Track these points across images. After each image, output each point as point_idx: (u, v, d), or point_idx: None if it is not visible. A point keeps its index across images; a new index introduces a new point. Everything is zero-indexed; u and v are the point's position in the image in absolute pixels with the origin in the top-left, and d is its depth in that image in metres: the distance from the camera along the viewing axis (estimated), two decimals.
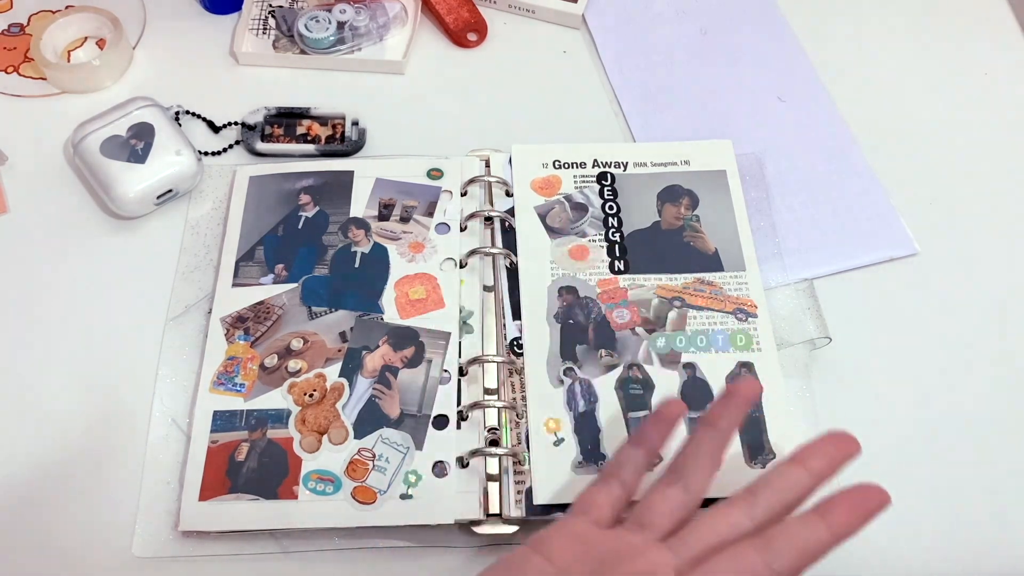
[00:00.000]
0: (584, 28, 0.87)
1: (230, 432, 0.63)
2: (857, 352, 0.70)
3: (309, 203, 0.73)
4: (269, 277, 0.69)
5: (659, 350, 0.67)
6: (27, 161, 0.77)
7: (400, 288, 0.69)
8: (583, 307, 0.68)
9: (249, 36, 0.84)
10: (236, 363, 0.66)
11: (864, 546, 0.63)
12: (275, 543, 0.61)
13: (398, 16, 0.84)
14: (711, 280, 0.70)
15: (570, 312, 0.68)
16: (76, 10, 0.82)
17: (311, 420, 0.63)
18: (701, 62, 0.85)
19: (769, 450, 0.63)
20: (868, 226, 0.75)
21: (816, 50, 0.85)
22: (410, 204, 0.73)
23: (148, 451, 0.64)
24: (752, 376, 0.65)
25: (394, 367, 0.66)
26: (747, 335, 0.67)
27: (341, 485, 0.61)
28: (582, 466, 0.62)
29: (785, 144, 0.79)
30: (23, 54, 0.82)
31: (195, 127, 0.79)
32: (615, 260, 0.71)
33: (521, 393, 0.65)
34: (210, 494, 0.61)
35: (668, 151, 0.76)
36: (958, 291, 0.73)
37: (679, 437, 0.56)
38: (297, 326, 0.67)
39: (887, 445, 0.66)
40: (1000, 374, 0.69)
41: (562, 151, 0.76)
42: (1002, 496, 0.65)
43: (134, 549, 0.61)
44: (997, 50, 0.86)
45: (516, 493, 0.61)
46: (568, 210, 0.73)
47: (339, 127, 0.79)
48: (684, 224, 0.72)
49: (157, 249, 0.73)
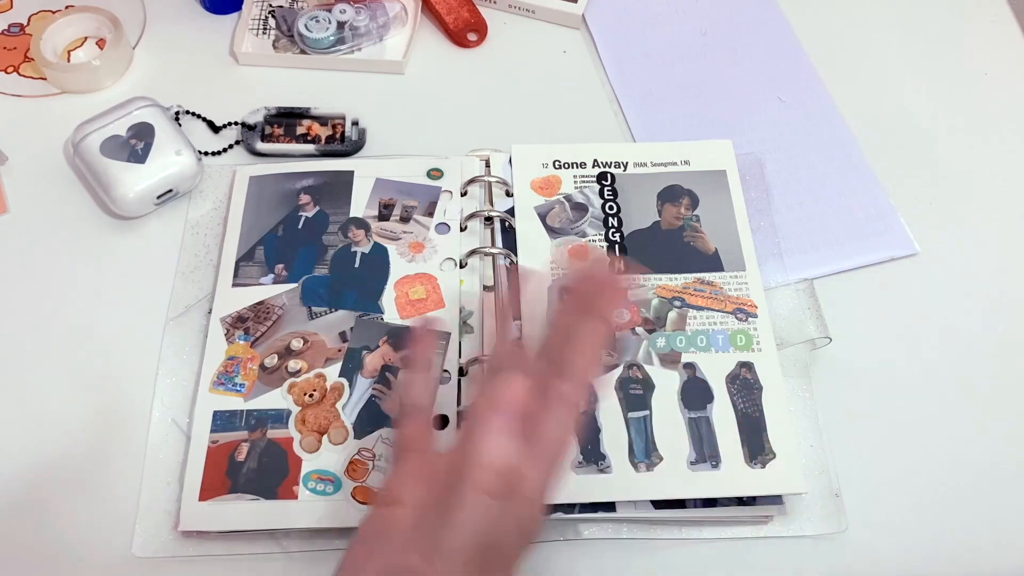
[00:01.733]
0: (584, 28, 0.87)
1: (230, 432, 0.63)
2: (857, 352, 0.70)
3: (309, 203, 0.73)
4: (269, 277, 0.69)
5: (659, 350, 0.67)
6: (27, 161, 0.77)
7: (400, 288, 0.69)
8: None
9: (249, 36, 0.84)
10: (236, 363, 0.66)
11: (863, 545, 0.63)
12: (275, 543, 0.61)
13: (398, 16, 0.84)
14: (711, 280, 0.69)
15: None
16: (76, 10, 0.82)
17: (311, 420, 0.63)
18: (701, 62, 0.85)
19: (769, 450, 0.62)
20: (868, 226, 0.75)
21: (816, 50, 0.85)
22: (410, 204, 0.73)
23: (148, 451, 0.64)
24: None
25: (394, 367, 0.65)
26: (747, 335, 0.67)
27: (341, 485, 0.61)
28: (582, 466, 0.62)
29: (785, 144, 0.80)
30: (23, 54, 0.82)
31: (195, 127, 0.79)
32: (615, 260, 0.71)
33: None
34: (210, 494, 0.61)
35: (668, 151, 0.76)
36: (958, 291, 0.73)
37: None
38: (297, 326, 0.67)
39: (886, 445, 0.66)
40: (1000, 373, 0.69)
41: (562, 151, 0.76)
42: (1002, 495, 0.65)
43: (134, 549, 0.61)
44: (997, 50, 0.86)
45: None
46: (568, 210, 0.73)
47: (339, 127, 0.79)
48: (684, 224, 0.72)
49: (157, 249, 0.73)
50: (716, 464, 0.62)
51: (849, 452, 0.65)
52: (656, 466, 0.62)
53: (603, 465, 0.62)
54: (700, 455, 0.62)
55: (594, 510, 0.61)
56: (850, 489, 0.64)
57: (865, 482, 0.65)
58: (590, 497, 0.61)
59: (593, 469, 0.62)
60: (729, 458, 0.62)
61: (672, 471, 0.62)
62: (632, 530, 0.63)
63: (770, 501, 0.62)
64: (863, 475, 0.65)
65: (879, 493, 0.65)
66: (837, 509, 0.63)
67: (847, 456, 0.65)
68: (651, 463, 0.62)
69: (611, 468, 0.62)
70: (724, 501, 0.62)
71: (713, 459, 0.62)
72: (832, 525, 0.63)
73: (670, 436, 0.63)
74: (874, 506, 0.64)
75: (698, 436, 0.63)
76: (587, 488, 0.61)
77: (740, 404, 0.64)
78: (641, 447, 0.63)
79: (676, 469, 0.62)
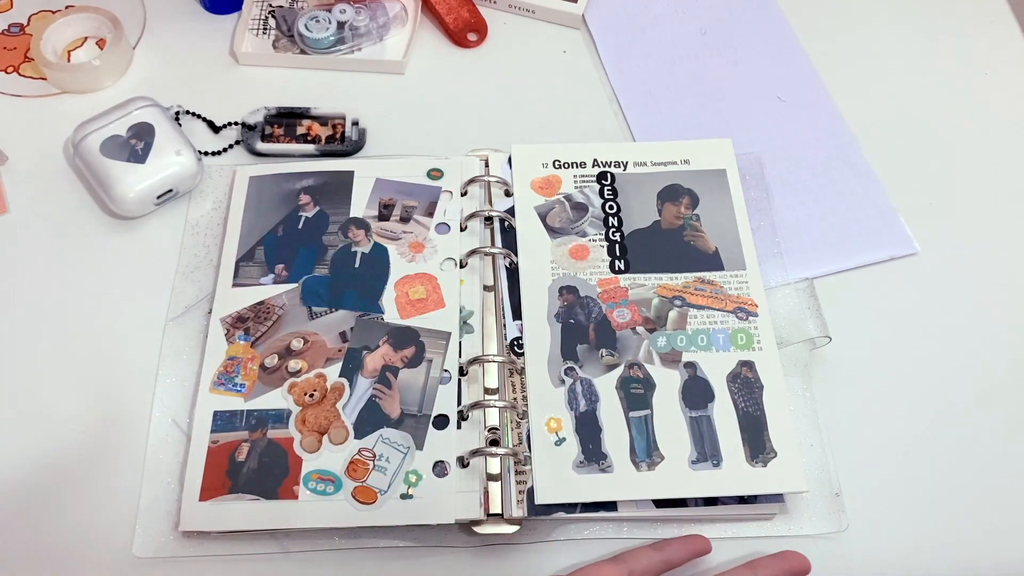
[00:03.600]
0: (584, 28, 0.87)
1: (230, 432, 0.63)
2: (857, 351, 0.70)
3: (309, 203, 0.73)
4: (269, 277, 0.69)
5: (660, 349, 0.67)
6: (27, 161, 0.77)
7: (400, 288, 0.69)
8: (584, 307, 0.68)
9: (249, 36, 0.84)
10: (236, 363, 0.66)
11: (863, 545, 0.63)
12: (275, 543, 0.61)
13: (398, 16, 0.84)
14: (711, 279, 0.69)
15: (571, 312, 0.68)
16: (76, 10, 0.82)
17: (311, 420, 0.63)
18: (701, 62, 0.85)
19: (770, 449, 0.63)
20: (868, 226, 0.75)
21: (816, 50, 0.85)
22: (410, 204, 0.73)
23: (148, 451, 0.64)
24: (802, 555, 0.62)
25: (394, 367, 0.65)
26: (748, 334, 0.67)
27: (341, 485, 0.61)
28: (583, 465, 0.62)
29: (785, 144, 0.80)
30: (23, 54, 0.82)
31: (195, 127, 0.79)
32: (615, 260, 0.71)
33: (522, 393, 0.65)
34: (210, 494, 0.61)
35: (668, 150, 0.76)
36: (958, 291, 0.73)
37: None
38: (297, 326, 0.67)
39: (886, 444, 0.66)
40: (999, 373, 0.69)
41: (562, 151, 0.76)
42: (1002, 495, 0.65)
43: (134, 549, 0.61)
44: (997, 50, 0.86)
45: (518, 493, 0.61)
46: (568, 210, 0.73)
47: (339, 127, 0.79)
48: (684, 223, 0.72)
49: (157, 249, 0.73)
50: (717, 463, 0.62)
51: (849, 451, 0.66)
52: (657, 465, 0.62)
53: (604, 464, 0.62)
54: (701, 454, 0.62)
55: (595, 509, 0.61)
56: (850, 488, 0.64)
57: (865, 481, 0.65)
58: (591, 496, 0.61)
59: (595, 468, 0.62)
60: (730, 457, 0.62)
61: (673, 470, 0.62)
62: (633, 529, 0.63)
63: (771, 500, 0.62)
64: (863, 474, 0.65)
65: (879, 492, 0.65)
66: (837, 508, 0.63)
67: (847, 455, 0.65)
68: (652, 462, 0.62)
69: (612, 467, 0.62)
70: (725, 500, 0.62)
71: (714, 458, 0.62)
72: (832, 524, 0.63)
73: (671, 435, 0.63)
74: (874, 505, 0.64)
75: (699, 435, 0.63)
76: (588, 487, 0.61)
77: (741, 403, 0.64)
78: (642, 446, 0.63)
79: (677, 468, 0.62)
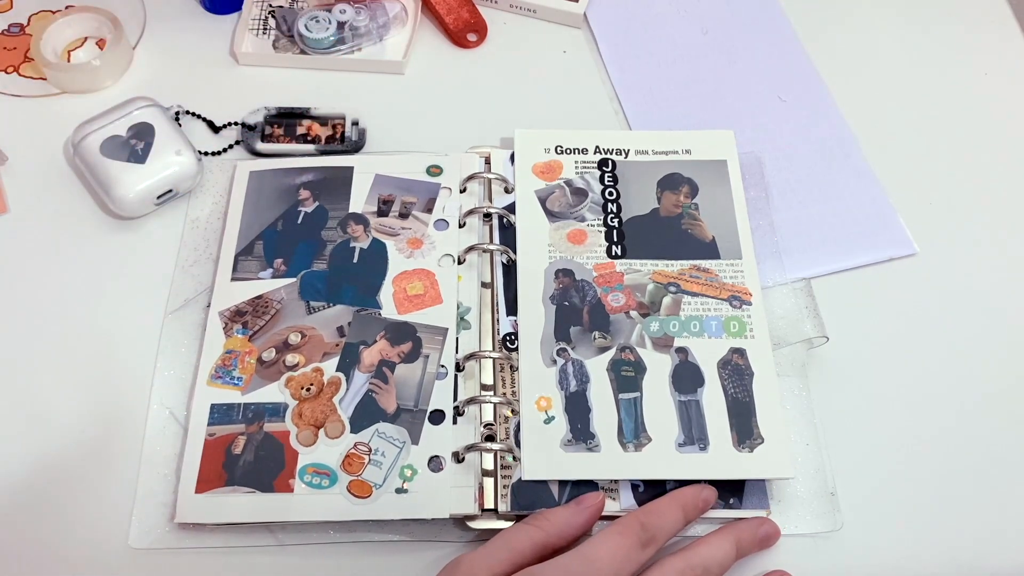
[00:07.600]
0: (585, 27, 0.87)
1: (227, 425, 0.63)
2: (855, 352, 0.69)
3: (308, 198, 0.73)
4: (268, 272, 0.70)
5: (652, 334, 0.67)
6: (27, 161, 0.77)
7: (398, 284, 0.69)
8: (579, 290, 0.68)
9: (249, 36, 0.84)
10: (234, 357, 0.66)
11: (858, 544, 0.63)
12: (271, 536, 0.61)
13: (398, 16, 0.84)
14: (707, 267, 0.70)
15: (566, 294, 0.68)
16: (76, 10, 0.83)
17: (308, 414, 0.63)
18: (702, 61, 0.85)
19: (757, 435, 0.62)
20: (867, 226, 0.75)
21: (816, 50, 0.85)
22: (409, 200, 0.73)
23: (145, 443, 0.64)
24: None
25: (391, 362, 0.65)
26: (741, 322, 0.67)
27: (337, 479, 0.61)
28: (571, 444, 0.62)
29: (785, 144, 0.80)
30: (23, 54, 0.83)
31: (195, 127, 0.79)
32: (613, 245, 0.71)
33: (512, 388, 0.65)
34: (207, 486, 0.61)
35: (669, 140, 0.77)
36: (957, 291, 0.73)
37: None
38: (295, 320, 0.67)
39: (883, 444, 0.66)
40: (998, 374, 0.69)
41: (565, 137, 0.76)
42: (999, 496, 0.64)
43: (130, 541, 0.61)
44: (997, 50, 0.86)
45: (503, 488, 0.61)
46: (568, 194, 0.73)
47: (339, 127, 0.79)
48: (683, 212, 0.72)
49: (157, 249, 0.73)
50: (704, 447, 0.62)
51: (845, 451, 0.65)
52: (644, 447, 0.62)
53: (592, 444, 0.62)
54: (689, 437, 0.62)
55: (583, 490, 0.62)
56: (845, 488, 0.64)
57: (861, 481, 0.64)
58: (578, 474, 0.61)
59: (582, 447, 0.62)
60: (718, 441, 0.62)
61: (660, 452, 0.62)
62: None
63: (757, 505, 0.62)
64: (859, 474, 0.65)
65: (875, 492, 0.64)
66: (832, 508, 0.63)
67: (843, 455, 0.65)
68: (639, 443, 0.62)
69: (600, 447, 0.62)
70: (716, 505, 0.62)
71: (701, 442, 0.62)
72: (827, 524, 0.62)
73: (660, 418, 0.63)
74: (870, 505, 0.64)
75: (687, 419, 0.63)
76: (575, 466, 0.61)
77: (731, 389, 0.64)
78: (630, 428, 0.63)
79: (664, 450, 0.62)
